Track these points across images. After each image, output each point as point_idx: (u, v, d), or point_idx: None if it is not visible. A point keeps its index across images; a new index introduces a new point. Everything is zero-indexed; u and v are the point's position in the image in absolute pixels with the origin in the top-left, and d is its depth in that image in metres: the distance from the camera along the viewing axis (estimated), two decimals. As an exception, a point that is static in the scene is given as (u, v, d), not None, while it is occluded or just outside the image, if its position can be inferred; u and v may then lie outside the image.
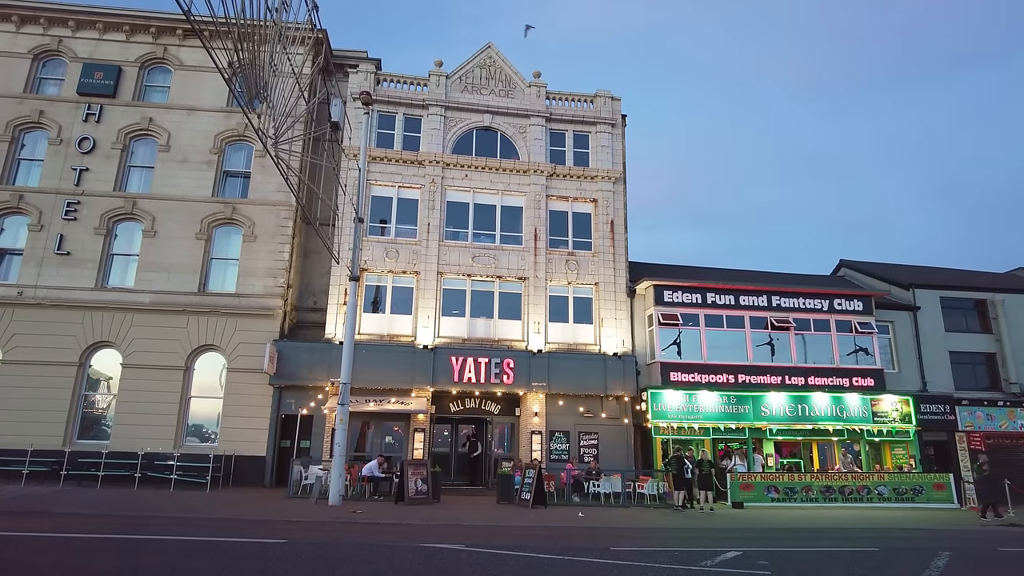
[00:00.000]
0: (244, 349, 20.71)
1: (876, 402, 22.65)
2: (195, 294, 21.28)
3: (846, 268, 30.19)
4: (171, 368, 20.48)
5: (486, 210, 23.37)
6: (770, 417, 21.81)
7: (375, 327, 21.65)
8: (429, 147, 23.31)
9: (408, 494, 16.24)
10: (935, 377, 24.51)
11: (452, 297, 22.28)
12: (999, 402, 24.37)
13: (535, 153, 23.83)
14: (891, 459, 23.17)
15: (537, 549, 9.79)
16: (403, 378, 20.54)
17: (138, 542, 9.38)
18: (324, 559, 8.55)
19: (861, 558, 10.21)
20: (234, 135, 22.78)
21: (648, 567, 8.64)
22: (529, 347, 21.80)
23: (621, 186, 24.33)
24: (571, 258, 23.23)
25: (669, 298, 22.49)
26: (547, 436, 21.37)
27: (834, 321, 23.33)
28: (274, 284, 21.60)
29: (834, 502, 20.13)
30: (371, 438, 21.65)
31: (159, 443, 19.40)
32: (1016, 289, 27.01)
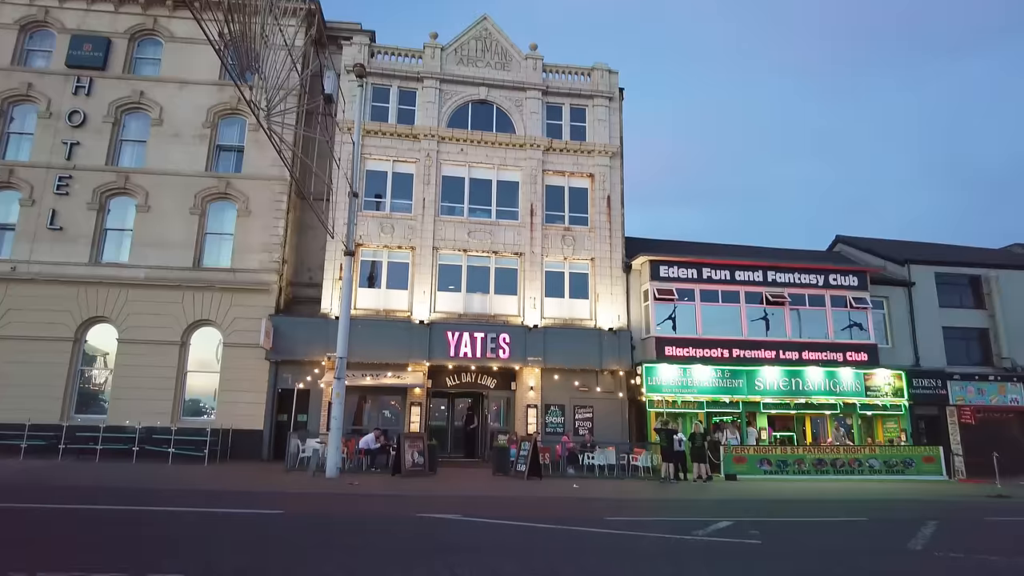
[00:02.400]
0: (240, 324, 20.72)
1: (869, 376, 22.83)
2: (190, 269, 21.23)
3: (842, 244, 30.20)
4: (167, 343, 20.51)
5: (482, 185, 23.24)
6: (764, 391, 21.99)
7: (371, 302, 21.66)
8: (424, 121, 23.09)
9: (405, 466, 16.41)
10: (928, 352, 24.68)
11: (448, 272, 22.27)
12: (990, 376, 24.58)
13: (531, 127, 23.63)
14: (883, 433, 23.45)
15: (532, 519, 9.94)
16: (399, 353, 20.61)
17: (138, 513, 9.49)
18: (321, 529, 8.66)
19: (850, 527, 10.39)
20: (227, 109, 22.52)
21: (641, 536, 8.79)
22: (525, 322, 21.85)
23: (618, 161, 24.18)
24: (567, 233, 23.18)
25: (665, 273, 22.50)
26: (543, 410, 21.54)
27: (829, 296, 23.40)
28: (269, 259, 21.54)
29: (826, 475, 20.40)
30: (368, 412, 21.80)
31: (157, 417, 19.50)
32: (1011, 265, 27.09)
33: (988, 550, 8.51)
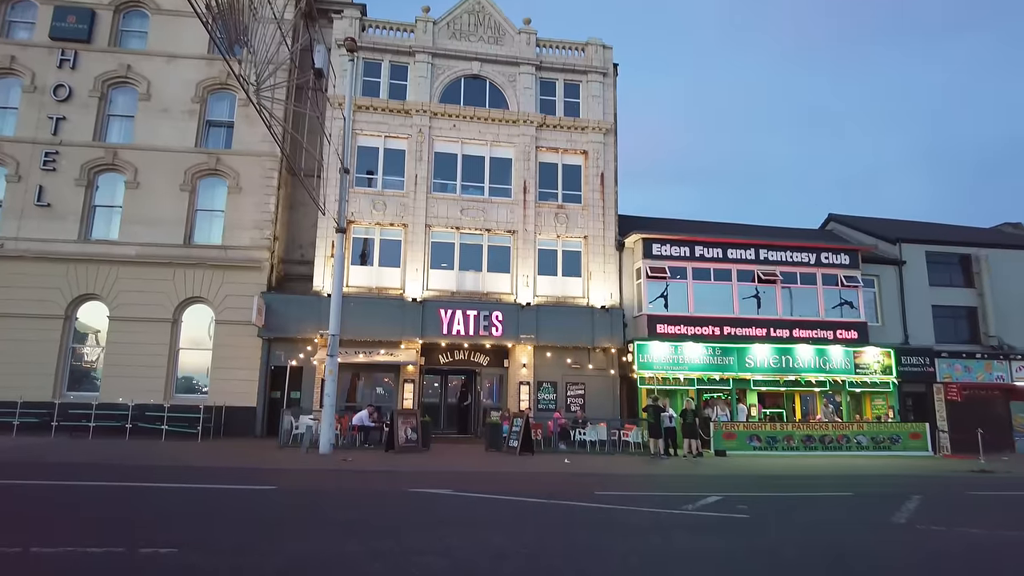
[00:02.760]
0: (232, 302, 20.66)
1: (859, 354, 23.04)
2: (181, 246, 21.08)
3: (834, 222, 30.25)
4: (159, 320, 20.45)
5: (475, 161, 23.08)
6: (754, 368, 22.17)
7: (363, 280, 21.62)
8: (416, 96, 22.83)
9: (398, 443, 16.53)
10: (917, 330, 24.90)
11: (441, 250, 22.20)
12: (977, 354, 24.86)
13: (525, 103, 23.41)
14: (871, 409, 23.74)
15: (523, 493, 10.06)
16: (392, 330, 20.64)
17: (131, 490, 9.55)
18: (315, 505, 8.75)
19: (836, 502, 10.56)
20: (216, 84, 22.18)
21: (632, 510, 8.92)
22: (518, 300, 21.88)
23: (612, 138, 24.04)
24: (560, 211, 23.11)
25: (657, 251, 22.51)
26: (535, 387, 21.67)
27: (820, 275, 23.49)
28: (260, 236, 21.41)
29: (814, 451, 20.66)
30: (361, 389, 21.87)
31: (149, 395, 19.50)
32: (1001, 244, 27.23)
33: (969, 523, 8.69)
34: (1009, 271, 26.08)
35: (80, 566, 5.18)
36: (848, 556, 6.49)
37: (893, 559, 6.49)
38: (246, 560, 5.51)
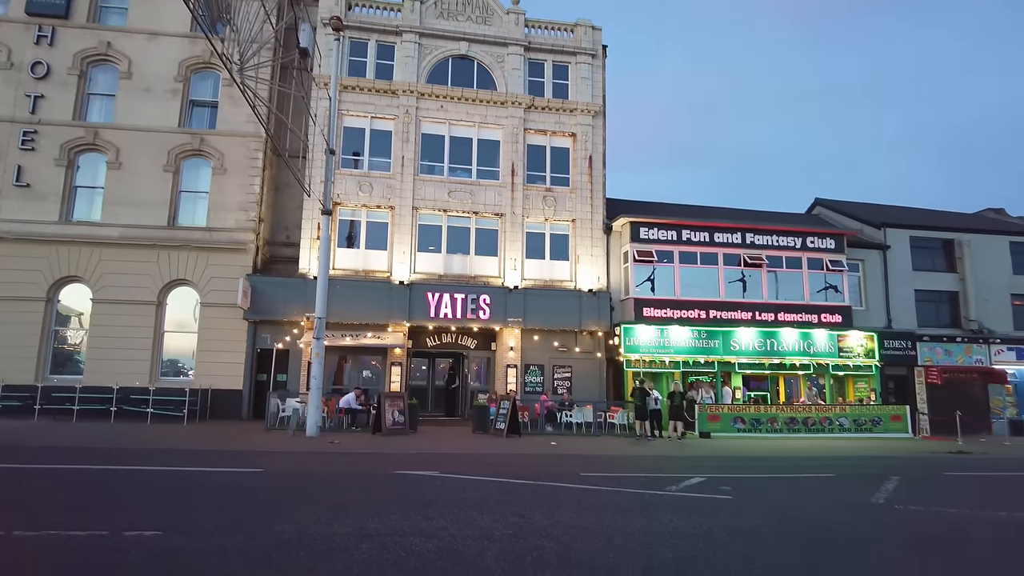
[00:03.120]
0: (217, 284, 20.50)
1: (843, 338, 23.31)
2: (165, 228, 20.84)
3: (821, 207, 30.45)
4: (143, 303, 20.26)
5: (462, 143, 22.92)
6: (739, 352, 22.39)
7: (350, 262, 21.51)
8: (403, 76, 22.58)
9: (385, 425, 16.56)
10: (900, 314, 25.22)
11: (428, 233, 22.11)
12: (957, 338, 25.27)
13: (513, 84, 23.23)
14: (853, 392, 24.09)
15: (510, 475, 10.12)
16: (379, 313, 20.59)
17: (116, 473, 9.50)
18: (302, 487, 8.76)
19: (818, 483, 10.74)
20: (200, 63, 21.79)
21: (616, 491, 9.01)
22: (505, 283, 21.88)
23: (601, 120, 23.94)
24: (548, 194, 23.05)
25: (645, 235, 22.55)
26: (522, 370, 21.76)
27: (806, 259, 23.67)
28: (246, 218, 21.20)
29: (797, 433, 20.97)
30: (348, 372, 21.86)
31: (134, 377, 19.37)
32: (983, 229, 27.57)
33: (945, 503, 8.87)
34: (990, 256, 26.44)
35: (63, 549, 5.16)
36: (828, 536, 6.61)
37: (871, 539, 6.62)
38: (232, 541, 5.51)
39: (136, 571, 4.62)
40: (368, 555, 5.26)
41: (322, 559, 5.09)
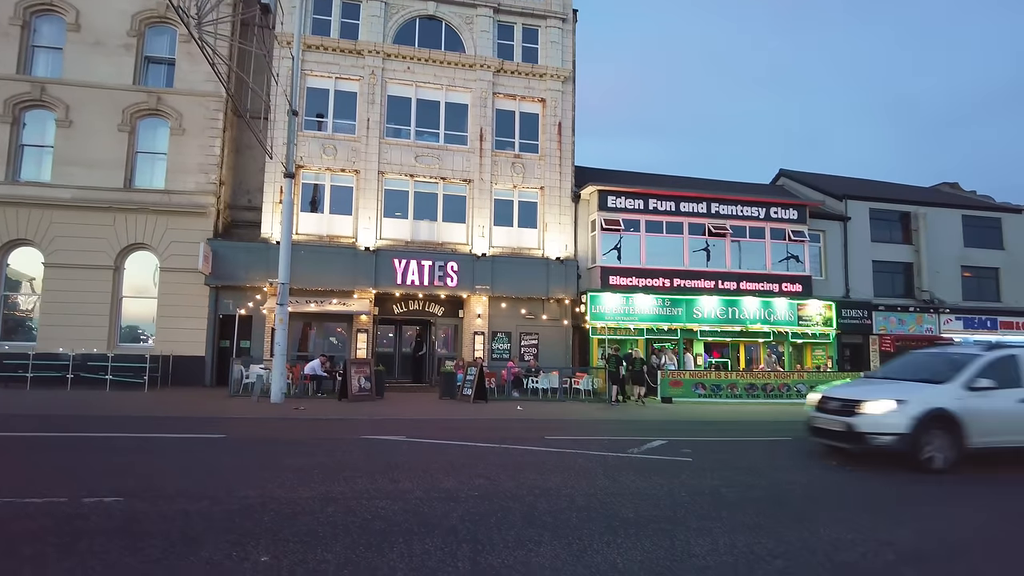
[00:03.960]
0: (177, 248, 19.97)
1: (802, 307, 23.92)
2: (121, 190, 20.11)
3: (785, 178, 30.88)
4: (99, 267, 19.65)
5: (430, 106, 22.49)
6: (702, 319, 22.82)
7: (314, 227, 21.12)
8: (369, 36, 21.94)
9: (351, 391, 16.52)
10: (858, 284, 25.95)
11: (394, 198, 21.79)
12: (910, 308, 26.17)
13: (482, 47, 22.78)
14: (811, 359, 24.83)
15: (476, 439, 10.23)
16: (344, 280, 20.35)
17: (74, 440, 9.30)
18: (266, 453, 8.71)
19: (775, 446, 11.10)
20: (155, 16, 20.80)
21: (580, 454, 9.18)
22: (473, 251, 21.78)
23: (570, 86, 23.71)
24: (517, 161, 22.87)
25: (613, 204, 22.63)
26: (489, 337, 21.84)
27: (769, 229, 24.08)
28: (206, 181, 20.58)
29: (756, 398, 21.54)
30: (313, 339, 21.65)
31: (92, 344, 18.89)
32: (938, 203, 28.40)
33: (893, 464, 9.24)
34: (943, 229, 27.28)
35: (20, 517, 5.07)
36: (783, 496, 6.87)
37: (822, 498, 6.90)
38: (195, 507, 5.48)
39: (96, 537, 4.56)
40: (333, 518, 5.28)
41: (286, 522, 5.10)
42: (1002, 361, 9.06)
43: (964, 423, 8.27)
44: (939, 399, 8.43)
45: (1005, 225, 28.49)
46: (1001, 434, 8.58)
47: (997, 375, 8.82)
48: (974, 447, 8.34)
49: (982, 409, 8.39)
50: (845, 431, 8.66)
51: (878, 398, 8.64)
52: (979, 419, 8.32)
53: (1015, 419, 8.58)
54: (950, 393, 8.54)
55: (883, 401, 8.53)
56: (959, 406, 8.35)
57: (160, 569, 3.95)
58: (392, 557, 4.31)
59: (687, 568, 4.33)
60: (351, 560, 4.23)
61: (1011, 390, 8.72)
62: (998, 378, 8.77)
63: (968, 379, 8.65)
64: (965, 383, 8.61)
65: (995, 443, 8.57)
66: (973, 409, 8.35)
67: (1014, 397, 8.66)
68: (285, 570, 4.00)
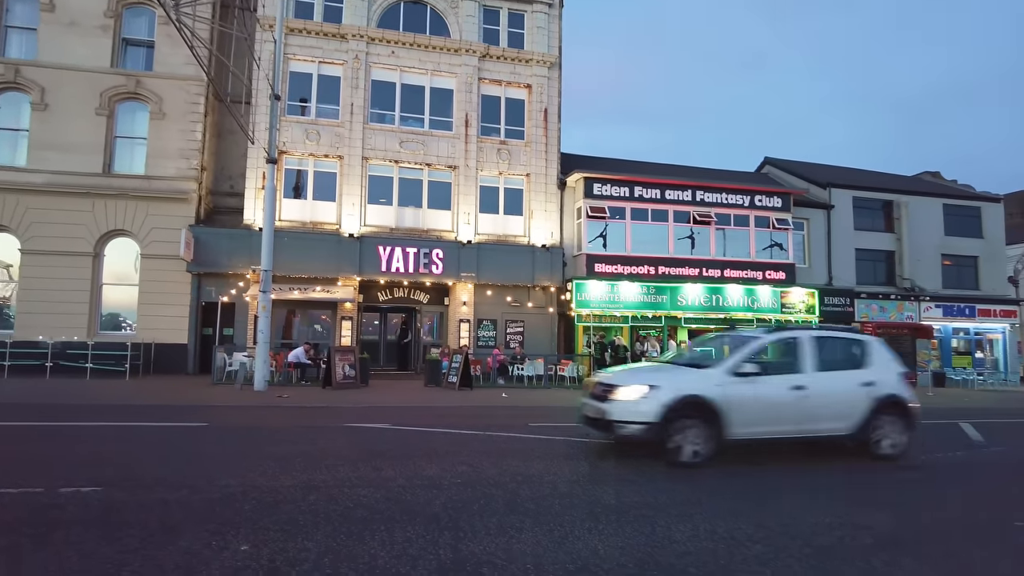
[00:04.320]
0: (158, 235, 19.69)
1: (786, 294, 24.12)
2: (99, 175, 19.77)
3: (770, 166, 31.02)
4: (78, 254, 19.34)
5: (415, 92, 22.26)
6: (686, 307, 22.94)
7: (297, 214, 20.91)
8: (352, 19, 21.63)
9: (335, 379, 16.45)
10: (840, 272, 26.20)
11: (379, 184, 21.61)
12: (892, 296, 26.50)
13: (467, 31, 22.56)
14: (793, 346, 25.05)
15: (461, 426, 10.23)
16: (328, 267, 20.20)
17: (52, 429, 9.19)
18: (248, 441, 8.66)
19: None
20: (132, -4, 20.36)
21: (563, 440, 9.23)
22: (459, 238, 21.69)
23: (556, 72, 23.57)
24: (503, 147, 22.75)
25: (598, 191, 22.61)
26: (475, 324, 21.82)
27: (754, 217, 24.20)
28: (187, 166, 20.28)
29: (739, 384, 21.76)
30: (297, 326, 21.51)
31: (71, 331, 18.63)
32: (920, 192, 28.68)
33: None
34: (925, 217, 27.58)
35: (-6, 505, 4.99)
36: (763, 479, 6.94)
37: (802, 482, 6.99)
38: (175, 496, 5.43)
39: (72, 527, 4.51)
40: (315, 506, 5.26)
41: (268, 511, 5.07)
42: (780, 345, 8.47)
43: (724, 412, 7.32)
44: (696, 385, 7.54)
45: (984, 214, 28.86)
46: (769, 424, 7.65)
47: (772, 360, 8.25)
48: (737, 438, 7.47)
49: (747, 396, 7.47)
50: (599, 419, 7.78)
51: (632, 383, 7.70)
52: (743, 407, 7.41)
53: (786, 408, 7.66)
54: (711, 379, 7.61)
55: (635, 386, 7.57)
56: (719, 393, 7.39)
57: (137, 559, 3.91)
58: (373, 545, 4.31)
59: (668, 554, 4.36)
60: (332, 548, 4.21)
61: (784, 376, 7.90)
62: (772, 363, 8.19)
63: (734, 364, 7.71)
64: (730, 368, 7.66)
65: (762, 434, 7.68)
66: (737, 396, 7.41)
67: (787, 384, 7.78)
68: (265, 559, 3.98)
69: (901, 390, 8.36)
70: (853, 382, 8.11)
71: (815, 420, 7.81)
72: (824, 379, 7.93)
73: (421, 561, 4.04)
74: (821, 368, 8.00)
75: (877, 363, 8.41)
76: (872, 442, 8.10)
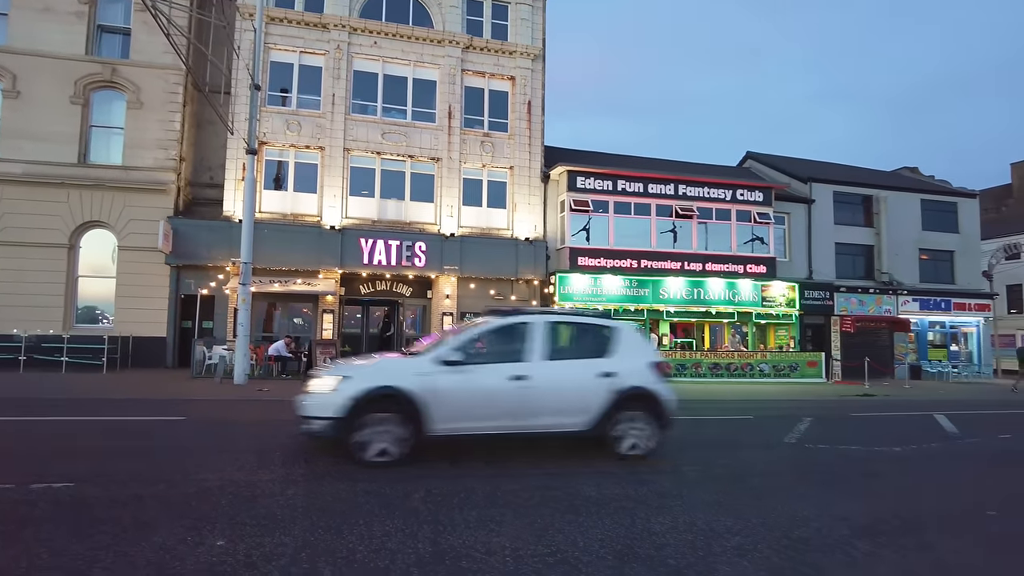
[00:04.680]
0: (136, 226, 19.36)
1: (766, 288, 24.32)
2: (75, 165, 19.35)
3: (752, 160, 31.21)
4: (53, 246, 18.94)
5: (397, 82, 22.06)
6: (668, 300, 23.06)
7: (277, 205, 20.67)
8: (334, 9, 21.35)
9: (317, 373, 16.30)
10: (820, 266, 26.47)
11: (360, 176, 21.41)
12: (870, 289, 26.84)
13: (451, 22, 22.38)
14: (774, 339, 25.36)
15: (441, 421, 10.18)
16: (309, 259, 20.00)
17: (24, 424, 9.01)
18: (227, 435, 8.58)
19: (737, 424, 11.33)
20: (107, -19, 19.93)
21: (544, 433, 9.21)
22: (442, 231, 21.59)
23: (540, 64, 23.48)
24: (486, 139, 22.65)
25: (582, 184, 22.60)
26: (458, 317, 21.75)
27: (735, 211, 24.34)
28: (166, 157, 19.93)
29: (720, 377, 21.98)
30: (278, 319, 21.30)
31: (47, 324, 18.28)
32: (899, 187, 29.03)
33: (849, 442, 9.53)
34: (903, 212, 27.94)
35: (-38, 502, 4.89)
36: (744, 472, 7.01)
37: (782, 474, 7.07)
38: (150, 491, 5.35)
39: (43, 524, 4.42)
40: (294, 500, 5.22)
41: (245, 506, 5.01)
42: (507, 331, 7.47)
43: (424, 405, 6.62)
44: (391, 376, 6.80)
45: (960, 210, 29.31)
46: (482, 419, 6.88)
47: (494, 347, 7.31)
48: (441, 434, 6.77)
49: (456, 388, 6.74)
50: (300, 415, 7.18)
51: (328, 374, 7.13)
52: (451, 400, 6.70)
53: (504, 401, 6.91)
54: (414, 368, 6.86)
55: (328, 378, 6.98)
56: (419, 384, 6.66)
57: (109, 555, 3.84)
58: (351, 539, 4.28)
59: (647, 545, 4.38)
60: (309, 543, 4.18)
61: (505, 365, 7.03)
62: (493, 351, 7.27)
63: (444, 352, 6.96)
64: (438, 356, 6.90)
65: (473, 429, 6.93)
66: (443, 388, 6.69)
67: (506, 373, 6.96)
68: (241, 554, 3.94)
69: (649, 382, 7.52)
70: (589, 372, 7.27)
71: (539, 414, 7.05)
72: (553, 369, 7.16)
73: (400, 555, 4.01)
74: (553, 356, 7.25)
75: (623, 352, 7.55)
76: (612, 439, 7.30)
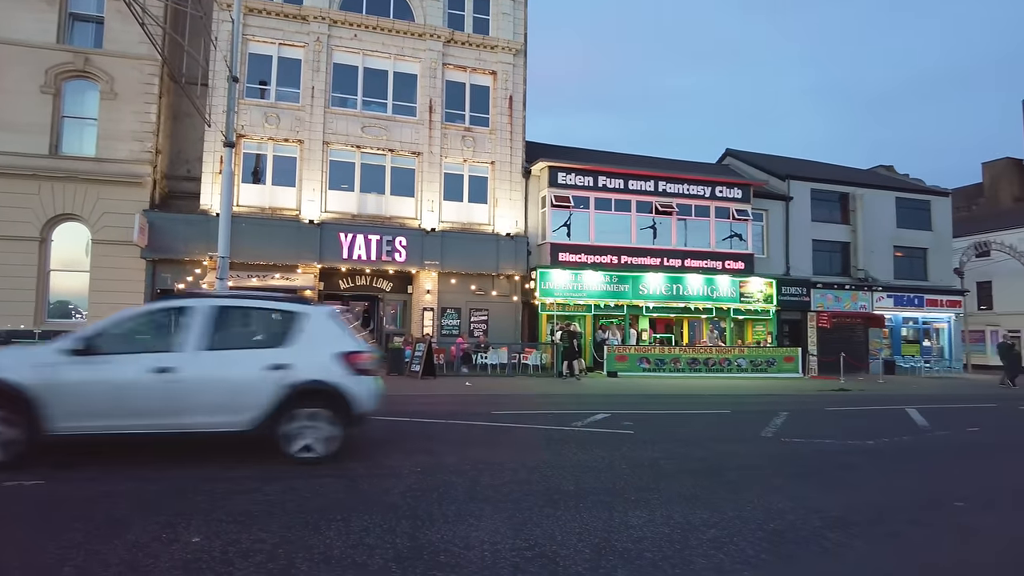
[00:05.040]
0: (110, 220, 19.00)
1: (744, 284, 24.58)
2: (46, 157, 18.92)
3: (731, 157, 31.49)
4: (23, 239, 18.52)
5: (377, 76, 21.88)
6: (648, 296, 23.21)
7: (256, 199, 20.43)
8: (314, 1, 21.09)
9: (295, 368, 16.16)
10: (798, 262, 26.82)
11: (340, 170, 21.22)
12: (846, 286, 27.27)
13: (432, 15, 22.24)
14: (752, 335, 25.66)
15: (424, 415, 10.21)
16: (288, 254, 19.81)
17: None
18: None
19: (715, 418, 11.46)
20: (78, -31, 19.49)
21: (526, 427, 9.28)
22: (423, 225, 21.49)
23: (522, 59, 23.44)
24: (468, 134, 22.57)
25: (563, 180, 22.64)
26: (439, 313, 21.70)
27: (714, 208, 24.55)
28: (141, 149, 19.58)
29: (699, 372, 22.18)
30: (257, 314, 21.04)
31: (17, 319, 17.89)
32: (875, 185, 29.50)
33: (823, 435, 9.68)
34: (878, 210, 28.40)
35: (-72, 500, 4.78)
36: (721, 467, 7.09)
37: (758, 468, 7.15)
38: (123, 487, 5.28)
39: (12, 523, 4.34)
40: (271, 496, 5.18)
41: (222, 502, 4.97)
42: (161, 316, 6.87)
43: (41, 400, 5.81)
44: (8, 367, 6.01)
45: (933, 207, 29.86)
46: (117, 416, 6.09)
47: (139, 335, 6.74)
48: (65, 434, 5.98)
49: (84, 381, 6.02)
50: None
51: None
52: (77, 395, 5.96)
53: (145, 396, 6.12)
54: (33, 358, 6.19)
55: None
56: (36, 376, 5.88)
57: (80, 553, 3.78)
58: (329, 535, 4.26)
59: (624, 539, 4.41)
60: (287, 539, 4.15)
61: (147, 355, 6.28)
62: (136, 340, 6.66)
63: (72, 341, 6.21)
64: (65, 346, 6.16)
65: (106, 428, 6.12)
66: (68, 381, 5.96)
67: (148, 365, 6.16)
68: (217, 551, 3.90)
69: (332, 375, 6.62)
70: (254, 364, 6.46)
71: (189, 412, 6.24)
72: (208, 360, 6.37)
73: (378, 550, 4.01)
74: (213, 346, 6.45)
75: (306, 341, 6.69)
76: (282, 440, 6.44)
